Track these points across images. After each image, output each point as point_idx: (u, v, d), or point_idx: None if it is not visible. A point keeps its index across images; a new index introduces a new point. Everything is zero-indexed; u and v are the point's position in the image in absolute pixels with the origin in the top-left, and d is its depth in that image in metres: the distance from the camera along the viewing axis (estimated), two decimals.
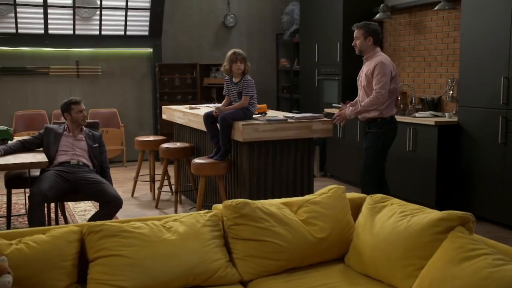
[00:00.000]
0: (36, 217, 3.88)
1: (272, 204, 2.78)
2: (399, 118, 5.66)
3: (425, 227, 2.33)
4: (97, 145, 4.47)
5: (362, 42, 4.49)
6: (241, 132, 4.37)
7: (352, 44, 4.62)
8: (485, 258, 2.04)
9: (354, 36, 4.55)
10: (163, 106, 6.44)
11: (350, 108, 4.57)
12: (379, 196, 2.76)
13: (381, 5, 6.53)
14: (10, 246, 2.26)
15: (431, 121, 5.25)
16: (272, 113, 4.93)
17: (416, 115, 5.65)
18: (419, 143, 5.41)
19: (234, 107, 4.59)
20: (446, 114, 5.46)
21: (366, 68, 4.52)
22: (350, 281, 2.50)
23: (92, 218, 4.05)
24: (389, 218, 2.53)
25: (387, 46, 6.91)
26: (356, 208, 2.87)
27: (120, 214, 4.94)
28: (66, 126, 4.43)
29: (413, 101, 6.12)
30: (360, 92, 4.64)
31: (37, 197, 3.89)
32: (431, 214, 2.39)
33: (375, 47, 4.52)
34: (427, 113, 5.66)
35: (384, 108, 4.45)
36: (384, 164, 4.62)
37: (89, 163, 4.36)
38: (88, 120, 4.75)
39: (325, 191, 2.91)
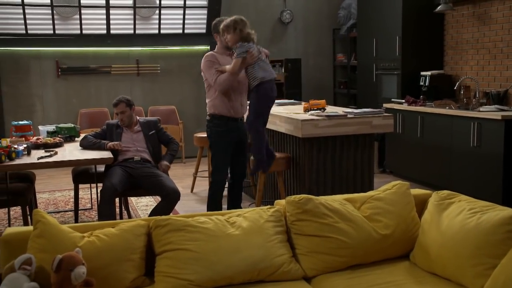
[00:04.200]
0: (106, 210, 4.00)
1: (335, 200, 2.76)
2: (461, 112, 5.50)
3: (497, 224, 2.25)
4: (153, 131, 4.55)
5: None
6: (300, 128, 4.36)
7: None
8: None
9: None
10: None
11: None
12: (445, 192, 2.69)
13: None
14: (83, 239, 2.34)
15: (497, 115, 5.05)
16: (330, 109, 4.89)
17: (481, 109, 5.45)
18: (484, 138, 5.22)
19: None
20: None
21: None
22: (416, 279, 2.45)
23: (154, 209, 4.17)
24: (458, 215, 2.45)
25: (449, 39, 6.70)
26: (421, 205, 2.81)
27: (180, 209, 5.04)
28: None
29: (477, 95, 5.91)
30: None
31: (109, 191, 4.02)
32: (503, 212, 2.31)
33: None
34: (493, 107, 5.45)
35: None
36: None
37: (151, 159, 4.46)
38: (148, 118, 4.86)
39: (389, 187, 2.87)
